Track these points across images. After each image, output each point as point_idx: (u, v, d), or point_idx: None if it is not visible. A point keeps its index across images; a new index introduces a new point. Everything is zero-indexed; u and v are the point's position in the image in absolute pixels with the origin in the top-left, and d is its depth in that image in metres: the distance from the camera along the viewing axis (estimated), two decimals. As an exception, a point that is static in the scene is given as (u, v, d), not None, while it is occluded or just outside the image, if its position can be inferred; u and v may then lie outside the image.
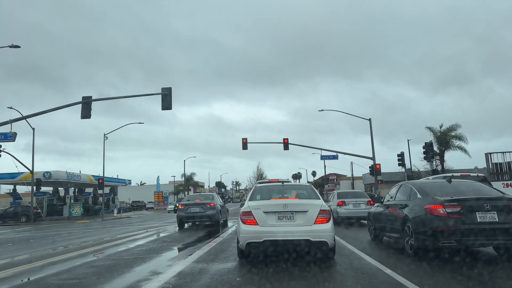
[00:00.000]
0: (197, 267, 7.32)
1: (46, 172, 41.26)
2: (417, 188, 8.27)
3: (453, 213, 6.97)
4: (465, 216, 6.93)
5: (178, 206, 18.93)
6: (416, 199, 7.98)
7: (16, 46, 22.55)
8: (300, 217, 7.07)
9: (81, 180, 47.02)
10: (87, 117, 21.95)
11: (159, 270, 7.14)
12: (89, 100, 22.11)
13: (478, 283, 5.46)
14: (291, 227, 7.00)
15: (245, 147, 36.32)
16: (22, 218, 37.52)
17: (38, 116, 23.34)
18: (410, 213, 7.85)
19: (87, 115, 21.93)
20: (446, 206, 7.06)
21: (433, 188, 8.06)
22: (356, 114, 39.39)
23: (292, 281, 5.76)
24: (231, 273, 6.61)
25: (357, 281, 5.70)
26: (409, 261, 7.26)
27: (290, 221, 7.05)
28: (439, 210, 7.09)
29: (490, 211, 6.95)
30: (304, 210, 7.13)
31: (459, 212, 6.96)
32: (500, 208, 6.99)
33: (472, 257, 7.48)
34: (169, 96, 21.68)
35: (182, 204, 18.56)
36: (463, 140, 40.41)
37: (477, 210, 6.96)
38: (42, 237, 17.62)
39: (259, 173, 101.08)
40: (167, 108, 21.77)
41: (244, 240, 7.09)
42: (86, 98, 22.17)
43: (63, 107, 23.09)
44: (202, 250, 9.75)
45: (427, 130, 42.01)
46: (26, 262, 8.95)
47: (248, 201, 7.84)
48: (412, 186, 8.59)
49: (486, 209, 6.95)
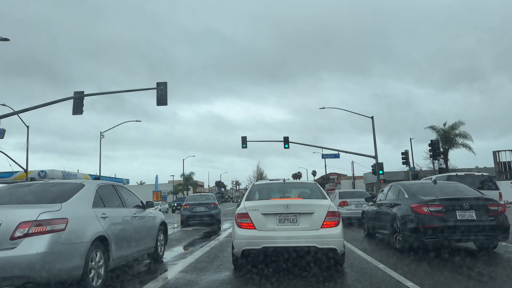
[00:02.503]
0: (185, 278, 6.28)
1: (41, 171, 40.37)
2: (405, 188, 8.97)
3: (435, 212, 7.64)
4: (446, 214, 7.59)
5: (184, 206, 19.95)
6: (404, 198, 8.67)
7: (5, 39, 21.52)
8: (305, 219, 6.15)
9: (77, 179, 46.03)
10: (79, 113, 20.96)
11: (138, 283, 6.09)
12: (81, 95, 21.11)
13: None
14: (294, 231, 6.10)
15: (244, 144, 35.33)
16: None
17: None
18: (398, 211, 8.54)
19: (79, 111, 20.95)
20: (430, 205, 7.74)
21: (420, 189, 8.79)
22: (358, 112, 38.41)
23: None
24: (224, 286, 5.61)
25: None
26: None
27: (293, 225, 6.14)
28: (423, 208, 7.75)
29: (468, 210, 7.62)
30: (310, 211, 6.22)
31: (441, 211, 7.62)
32: (478, 207, 7.66)
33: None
34: (164, 91, 20.69)
35: (187, 204, 19.78)
36: (467, 138, 39.54)
37: (457, 209, 7.62)
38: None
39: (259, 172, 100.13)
40: (163, 104, 20.80)
41: (240, 247, 6.13)
42: (78, 93, 21.15)
43: (55, 102, 22.04)
44: (193, 257, 8.69)
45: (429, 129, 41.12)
46: None
47: (245, 201, 6.88)
48: (401, 186, 9.24)
49: (465, 208, 7.62)
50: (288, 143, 35.60)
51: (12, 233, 4.48)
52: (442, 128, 39.87)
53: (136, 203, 7.41)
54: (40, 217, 4.64)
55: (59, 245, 4.67)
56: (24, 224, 4.54)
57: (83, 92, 21.28)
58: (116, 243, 5.85)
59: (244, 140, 35.73)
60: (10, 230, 4.48)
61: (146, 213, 7.59)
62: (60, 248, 4.68)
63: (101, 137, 41.57)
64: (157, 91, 20.85)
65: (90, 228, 5.28)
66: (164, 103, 20.85)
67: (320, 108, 37.62)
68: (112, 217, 5.95)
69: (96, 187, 6.13)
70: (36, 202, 5.22)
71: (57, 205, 5.03)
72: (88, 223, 5.32)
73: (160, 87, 20.72)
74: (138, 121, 56.94)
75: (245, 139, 35.80)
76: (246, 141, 35.84)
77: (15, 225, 4.52)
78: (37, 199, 5.36)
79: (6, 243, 4.44)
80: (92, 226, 5.35)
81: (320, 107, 37.65)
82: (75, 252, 4.88)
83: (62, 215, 4.87)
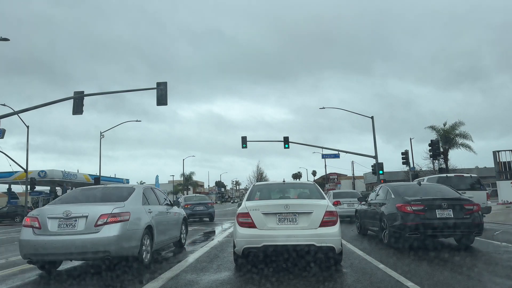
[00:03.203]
0: (186, 278, 6.27)
1: (41, 171, 40.39)
2: (392, 189, 9.86)
3: (417, 210, 8.50)
4: (427, 213, 8.43)
5: (185, 205, 20.81)
6: (391, 198, 9.53)
7: (4, 39, 21.48)
8: (304, 219, 6.37)
9: (77, 179, 46.12)
10: (78, 113, 20.92)
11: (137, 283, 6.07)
12: (81, 95, 21.09)
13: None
14: (293, 230, 6.31)
15: (244, 144, 35.29)
16: (16, 218, 36.45)
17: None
18: (385, 210, 9.42)
19: (79, 111, 20.92)
20: (412, 205, 8.59)
21: (405, 190, 9.63)
22: (359, 112, 38.34)
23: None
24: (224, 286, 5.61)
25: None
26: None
27: (292, 224, 6.35)
28: (407, 208, 8.60)
29: (447, 209, 8.45)
30: (308, 211, 6.43)
31: (422, 210, 8.48)
32: (455, 207, 8.52)
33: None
34: (164, 91, 20.69)
35: (188, 204, 21.64)
36: (467, 138, 39.47)
37: (436, 208, 8.47)
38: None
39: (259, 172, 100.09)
40: (163, 104, 20.81)
41: (241, 245, 6.36)
42: (78, 93, 21.11)
43: (55, 102, 22.03)
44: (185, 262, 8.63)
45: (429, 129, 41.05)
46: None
47: (246, 201, 7.12)
48: (389, 187, 10.15)
49: (443, 207, 8.47)
50: (288, 143, 35.55)
51: (96, 222, 6.38)
52: (442, 128, 39.79)
53: (166, 202, 9.17)
54: (114, 211, 6.53)
55: (125, 230, 6.54)
56: (103, 216, 6.44)
57: (83, 92, 21.30)
58: (157, 231, 7.72)
59: (244, 140, 35.69)
60: (94, 220, 6.39)
61: (173, 210, 9.43)
62: (126, 232, 6.56)
63: (101, 137, 41.52)
64: (157, 91, 20.87)
65: (142, 219, 7.16)
66: (164, 103, 20.86)
67: (320, 108, 37.64)
68: (154, 212, 7.83)
69: (142, 189, 8.00)
70: (106, 201, 7.07)
71: (122, 203, 6.88)
72: (141, 215, 7.20)
73: (160, 87, 20.76)
74: (138, 121, 57.10)
75: (245, 139, 35.76)
76: (246, 141, 35.80)
77: (97, 216, 6.42)
78: (107, 198, 7.22)
79: (92, 228, 6.37)
80: (143, 218, 7.23)
81: (320, 107, 37.65)
82: (134, 236, 6.75)
83: (126, 209, 6.75)
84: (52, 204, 7.42)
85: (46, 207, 7.09)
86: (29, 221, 6.60)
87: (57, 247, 6.28)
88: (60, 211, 6.51)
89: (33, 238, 6.42)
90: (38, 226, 6.46)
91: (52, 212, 6.59)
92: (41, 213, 6.67)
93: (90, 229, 6.36)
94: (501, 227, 13.62)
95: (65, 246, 6.26)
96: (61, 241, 6.27)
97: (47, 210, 6.76)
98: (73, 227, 6.39)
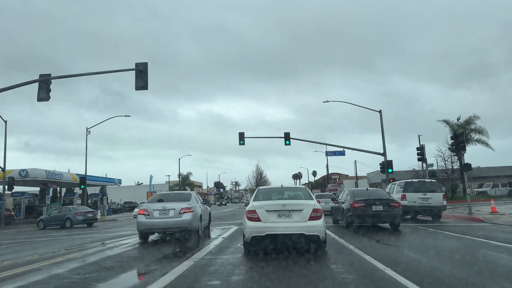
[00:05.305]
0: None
1: (22, 170, 37.85)
2: (349, 192, 15.78)
3: (361, 206, 14.14)
4: (366, 208, 14.07)
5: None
6: (348, 198, 15.20)
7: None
8: (296, 215, 8.36)
9: (63, 179, 43.50)
10: (44, 99, 17.88)
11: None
12: (47, 78, 17.99)
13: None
14: (288, 223, 8.31)
15: (242, 141, 32.15)
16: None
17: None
18: (345, 206, 15.22)
19: (45, 97, 17.76)
20: (358, 202, 14.27)
21: (357, 193, 15.53)
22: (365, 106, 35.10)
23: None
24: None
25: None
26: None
27: (288, 218, 8.33)
28: (355, 204, 14.27)
29: (379, 205, 14.07)
30: (300, 209, 8.45)
31: (364, 206, 14.10)
32: (384, 204, 14.11)
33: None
34: (144, 73, 17.76)
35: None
36: (483, 133, 36.39)
37: (372, 204, 14.11)
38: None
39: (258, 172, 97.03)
40: (143, 88, 17.94)
41: (250, 234, 8.45)
42: (45, 75, 17.88)
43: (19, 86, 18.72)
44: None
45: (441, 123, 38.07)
46: None
47: (253, 201, 9.23)
48: (347, 191, 16.21)
49: (377, 204, 14.10)
50: (289, 139, 33.01)
51: (179, 212, 12.49)
52: (456, 123, 36.66)
53: (201, 201, 15.35)
54: (187, 206, 12.74)
55: (193, 216, 12.81)
56: (183, 209, 12.65)
57: (50, 75, 18.21)
58: (203, 218, 14.21)
59: (241, 136, 33.06)
60: (178, 211, 12.47)
61: (205, 207, 15.92)
62: (194, 217, 12.87)
63: (87, 133, 38.61)
64: (135, 73, 17.61)
65: (197, 211, 13.36)
66: (144, 87, 17.74)
67: (323, 101, 34.66)
68: (201, 207, 14.29)
69: (195, 194, 14.78)
70: (181, 200, 13.30)
71: (187, 202, 13.25)
72: (197, 209, 13.46)
73: (139, 67, 17.48)
74: (128, 116, 54.84)
75: (243, 135, 33.17)
76: (243, 137, 33.20)
77: (179, 208, 12.59)
78: (181, 199, 13.52)
79: (177, 215, 12.43)
80: (198, 210, 13.47)
81: (324, 101, 34.48)
82: (196, 219, 13.08)
83: (192, 205, 13.11)
84: (150, 202, 13.54)
85: (150, 204, 12.99)
86: (142, 212, 12.63)
87: (159, 225, 12.45)
88: (159, 206, 12.58)
89: (146, 220, 12.49)
90: (147, 214, 12.51)
91: (155, 207, 12.60)
92: (149, 207, 12.66)
93: (176, 216, 12.39)
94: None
95: (163, 225, 12.41)
96: (161, 222, 12.37)
97: (152, 205, 12.75)
98: (167, 214, 12.45)
